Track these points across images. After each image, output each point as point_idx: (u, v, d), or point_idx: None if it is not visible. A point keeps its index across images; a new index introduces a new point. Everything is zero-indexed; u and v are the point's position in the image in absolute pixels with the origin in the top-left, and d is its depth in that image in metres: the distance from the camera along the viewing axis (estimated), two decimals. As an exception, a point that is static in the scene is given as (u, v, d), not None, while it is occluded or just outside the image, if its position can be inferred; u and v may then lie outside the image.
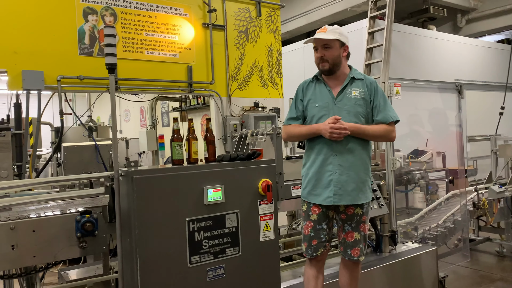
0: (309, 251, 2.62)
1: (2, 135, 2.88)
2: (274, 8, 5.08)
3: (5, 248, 2.11)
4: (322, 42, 2.60)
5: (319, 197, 2.57)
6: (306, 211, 2.65)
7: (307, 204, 2.65)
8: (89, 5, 3.84)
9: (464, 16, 8.57)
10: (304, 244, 2.65)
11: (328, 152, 2.55)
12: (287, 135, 2.75)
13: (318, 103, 2.61)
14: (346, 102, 2.58)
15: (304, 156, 2.73)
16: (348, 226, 2.61)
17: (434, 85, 7.27)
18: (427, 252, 3.69)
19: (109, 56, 2.14)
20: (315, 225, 2.60)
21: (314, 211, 2.60)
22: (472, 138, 6.75)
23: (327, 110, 2.58)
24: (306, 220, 2.65)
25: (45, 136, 5.90)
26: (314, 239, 2.60)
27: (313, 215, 2.60)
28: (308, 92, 2.68)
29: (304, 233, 2.65)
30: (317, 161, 2.58)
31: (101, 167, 4.40)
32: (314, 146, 2.62)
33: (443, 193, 5.56)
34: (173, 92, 4.76)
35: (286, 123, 2.74)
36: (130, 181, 2.05)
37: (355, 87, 2.61)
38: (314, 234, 2.60)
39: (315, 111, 2.61)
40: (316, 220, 2.60)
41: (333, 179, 2.53)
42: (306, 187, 2.65)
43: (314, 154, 2.61)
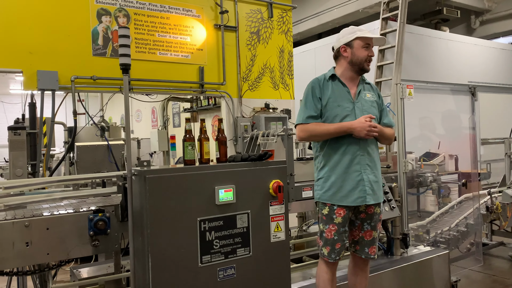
0: (333, 255, 2.54)
1: (17, 134, 2.93)
2: (286, 9, 5.09)
3: (20, 245, 2.15)
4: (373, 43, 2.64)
5: (348, 199, 2.51)
6: (328, 214, 2.55)
7: (330, 207, 2.55)
8: (103, 6, 3.88)
9: (478, 17, 8.48)
10: (326, 249, 2.55)
11: (355, 152, 2.53)
12: (309, 133, 2.56)
13: (339, 103, 2.56)
14: (364, 104, 2.61)
15: (322, 158, 2.61)
16: (368, 225, 2.62)
17: (447, 87, 7.20)
18: (439, 255, 3.65)
19: (123, 56, 2.16)
20: (339, 228, 2.53)
21: (339, 213, 2.52)
22: (485, 141, 6.66)
23: (349, 110, 2.56)
24: (328, 224, 2.55)
25: (59, 135, 5.98)
26: (338, 242, 2.54)
27: (337, 218, 2.53)
28: (327, 91, 2.58)
29: (326, 237, 2.55)
30: (343, 162, 2.52)
31: (113, 167, 4.44)
32: (338, 147, 2.54)
33: (455, 196, 5.49)
34: (184, 93, 4.79)
35: (305, 122, 2.56)
36: (142, 181, 2.06)
37: (367, 90, 2.68)
38: (338, 237, 2.53)
39: (338, 111, 2.55)
40: (340, 223, 2.53)
41: (363, 178, 2.53)
42: (329, 190, 2.54)
43: (338, 154, 2.53)
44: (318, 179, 2.63)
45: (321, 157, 2.62)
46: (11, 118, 4.10)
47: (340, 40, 2.64)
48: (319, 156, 2.64)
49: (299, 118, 2.61)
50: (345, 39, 2.62)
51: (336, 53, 2.68)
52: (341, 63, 2.65)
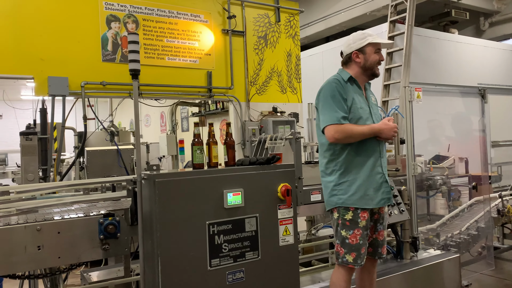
0: (359, 261, 2.48)
1: (29, 140, 2.97)
2: (293, 13, 5.10)
3: (31, 249, 2.17)
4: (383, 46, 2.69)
5: (373, 201, 2.51)
6: (352, 219, 2.49)
7: (354, 211, 2.49)
8: (112, 12, 3.93)
9: (487, 19, 8.42)
10: (351, 255, 2.48)
11: (377, 154, 2.56)
12: (346, 134, 2.45)
13: (361, 105, 2.57)
14: (373, 107, 2.67)
15: (342, 161, 2.52)
16: (380, 225, 2.65)
17: (456, 90, 7.15)
18: (450, 259, 3.61)
19: (132, 62, 2.19)
20: (363, 232, 2.50)
21: (363, 217, 2.49)
22: (496, 144, 6.61)
23: (368, 113, 2.59)
24: (353, 229, 2.48)
25: (69, 140, 6.05)
26: (363, 246, 2.50)
27: (362, 222, 2.49)
28: (349, 92, 2.54)
29: (351, 243, 2.48)
30: (368, 164, 2.51)
31: (123, 171, 4.48)
32: (363, 149, 2.51)
33: (466, 199, 5.44)
34: (193, 98, 4.83)
35: (338, 122, 2.45)
36: (152, 184, 2.08)
37: (371, 94, 2.75)
38: (363, 241, 2.49)
39: (361, 113, 2.54)
40: (364, 227, 2.50)
41: (386, 180, 2.59)
42: (355, 193, 2.48)
43: (363, 157, 2.51)
44: (339, 183, 2.52)
45: (341, 160, 2.52)
46: (23, 124, 4.17)
47: (351, 46, 2.62)
48: (339, 159, 2.53)
49: (332, 118, 2.47)
50: (356, 45, 2.60)
51: (346, 59, 2.65)
52: (352, 68, 2.63)
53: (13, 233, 2.15)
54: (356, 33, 2.67)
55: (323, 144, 2.61)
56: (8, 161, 9.30)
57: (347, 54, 2.64)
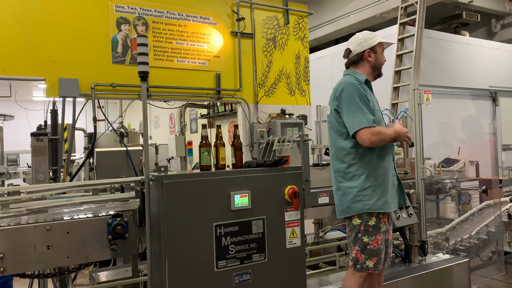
0: (379, 266, 2.47)
1: (39, 140, 3.01)
2: (302, 15, 5.10)
3: (41, 248, 2.20)
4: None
5: (394, 204, 2.53)
6: (375, 224, 2.44)
7: (377, 216, 2.44)
8: (122, 15, 3.97)
9: (498, 21, 8.32)
10: (372, 261, 2.44)
11: (391, 157, 2.59)
12: (379, 138, 2.38)
13: (377, 107, 2.60)
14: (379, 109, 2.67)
15: (364, 165, 2.45)
16: (389, 226, 2.66)
17: (467, 92, 7.07)
18: (459, 264, 3.57)
19: (141, 64, 2.21)
20: (383, 236, 2.49)
21: (384, 221, 2.48)
22: (507, 147, 6.51)
23: (381, 114, 2.61)
24: (375, 234, 2.44)
25: (79, 141, 6.11)
26: (383, 251, 2.49)
27: (383, 227, 2.47)
28: (368, 95, 2.49)
29: (372, 249, 2.44)
30: (387, 168, 2.51)
31: (132, 172, 4.51)
32: (385, 153, 2.50)
33: (476, 203, 5.38)
34: (201, 99, 4.84)
35: (372, 125, 2.37)
36: (160, 186, 2.10)
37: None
38: (383, 246, 2.48)
39: (380, 115, 2.57)
40: (384, 231, 2.50)
41: (399, 181, 2.63)
42: (380, 198, 2.42)
43: (385, 161, 2.49)
44: (364, 188, 2.43)
45: (364, 164, 2.45)
46: (34, 125, 4.22)
47: (363, 45, 2.56)
48: (359, 164, 2.45)
49: (363, 121, 2.37)
50: (368, 44, 2.56)
51: (357, 58, 2.58)
52: (364, 68, 2.58)
53: (23, 232, 2.18)
54: (364, 32, 2.65)
55: (342, 148, 2.49)
56: (19, 162, 9.43)
57: (358, 53, 2.58)
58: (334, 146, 2.55)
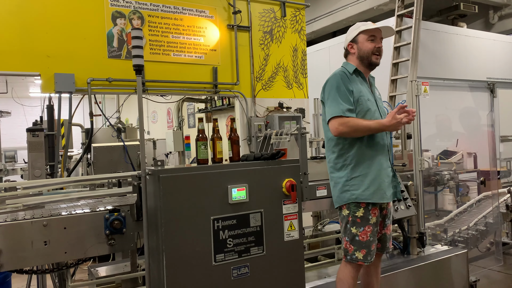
0: (369, 258, 2.47)
1: (35, 136, 2.99)
2: (299, 8, 5.07)
3: (38, 244, 2.20)
4: (381, 34, 2.60)
5: (386, 195, 2.49)
6: (363, 216, 2.45)
7: (365, 207, 2.45)
8: (118, 9, 3.94)
9: (496, 12, 8.30)
10: (361, 252, 2.46)
11: (385, 147, 2.56)
12: (351, 128, 2.40)
13: (368, 97, 2.54)
14: (378, 99, 2.66)
15: (353, 155, 2.47)
16: (388, 220, 2.65)
17: (465, 84, 7.07)
18: (457, 255, 3.59)
19: (136, 57, 2.19)
20: (373, 229, 2.48)
21: (374, 213, 2.47)
22: (505, 138, 6.51)
23: (375, 106, 2.57)
24: (364, 226, 2.45)
25: (76, 137, 6.09)
26: (373, 243, 2.49)
27: (372, 218, 2.47)
28: (355, 85, 2.50)
29: (361, 240, 2.45)
30: (378, 158, 2.49)
31: (129, 167, 4.49)
32: (374, 143, 2.48)
33: (474, 195, 5.40)
34: (198, 93, 4.82)
35: (345, 115, 2.40)
36: (156, 180, 2.09)
37: (375, 88, 2.73)
38: (373, 238, 2.48)
39: (369, 105, 2.51)
40: (375, 223, 2.49)
41: (394, 173, 2.60)
42: (368, 188, 2.44)
43: (374, 151, 2.48)
44: (351, 178, 2.46)
45: (351, 154, 2.48)
46: (31, 121, 4.20)
47: (347, 38, 2.66)
48: (349, 153, 2.48)
49: (336, 110, 2.42)
50: (350, 37, 2.63)
51: (345, 52, 2.68)
52: (352, 60, 2.63)
53: (20, 228, 2.17)
54: (352, 26, 2.67)
55: (331, 139, 2.54)
56: (17, 158, 9.40)
57: (345, 47, 2.68)
58: (326, 137, 2.63)
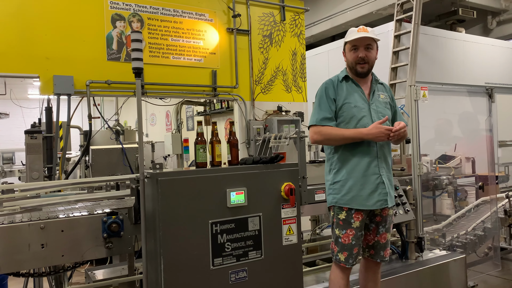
0: (350, 261, 2.50)
1: (34, 138, 2.99)
2: (299, 12, 5.08)
3: (35, 247, 2.18)
4: (366, 42, 2.54)
5: (368, 202, 2.47)
6: (346, 219, 2.50)
7: (348, 211, 2.50)
8: (117, 11, 3.94)
9: (494, 17, 8.34)
10: (343, 254, 2.50)
11: (373, 154, 2.51)
12: (323, 137, 2.51)
13: (356, 103, 2.53)
14: (378, 105, 2.59)
15: (337, 160, 2.55)
16: (383, 228, 2.60)
17: (463, 89, 7.08)
18: (455, 260, 3.58)
19: (135, 60, 2.19)
20: (357, 233, 2.49)
21: (357, 218, 2.49)
22: (503, 143, 6.54)
23: (366, 111, 2.53)
24: (346, 229, 2.50)
25: (74, 139, 6.08)
26: (355, 247, 2.50)
27: (355, 222, 2.49)
28: (341, 92, 2.54)
29: (343, 243, 2.50)
30: (361, 164, 2.49)
31: (128, 170, 4.49)
32: (356, 149, 2.49)
33: (472, 199, 5.40)
34: (198, 96, 4.82)
35: (319, 123, 2.51)
36: (155, 183, 2.08)
37: (381, 90, 2.66)
38: (355, 242, 2.50)
39: (354, 111, 2.51)
40: (358, 228, 2.50)
41: (382, 181, 2.51)
42: (347, 193, 2.49)
43: (356, 157, 2.49)
44: (334, 182, 2.56)
45: (336, 159, 2.56)
46: (29, 123, 4.20)
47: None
48: (334, 158, 2.58)
49: (313, 119, 2.55)
50: (343, 45, 2.69)
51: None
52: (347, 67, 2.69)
53: (17, 231, 2.16)
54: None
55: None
56: (15, 160, 9.37)
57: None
58: None
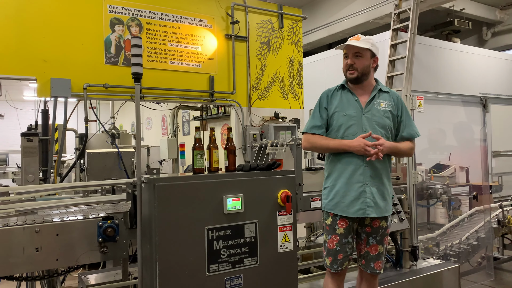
0: (334, 266, 2.53)
1: (30, 141, 2.97)
2: (297, 20, 5.12)
3: (30, 251, 2.17)
4: (354, 49, 2.57)
5: (349, 209, 2.49)
6: (331, 224, 2.55)
7: (333, 217, 2.55)
8: (116, 15, 3.95)
9: (489, 29, 8.44)
10: (328, 259, 2.56)
11: (358, 162, 2.49)
12: (310, 145, 2.63)
13: (346, 111, 2.55)
14: (375, 113, 2.56)
15: (328, 167, 2.63)
16: (373, 239, 2.57)
17: (458, 99, 7.14)
18: (449, 269, 3.60)
19: (135, 66, 2.20)
20: (341, 239, 2.52)
21: (341, 224, 2.51)
22: (497, 153, 6.59)
23: (356, 119, 2.54)
24: (331, 234, 2.55)
25: (70, 142, 6.05)
26: (340, 253, 2.52)
27: (339, 229, 2.52)
28: (334, 101, 2.61)
29: (328, 247, 2.56)
30: (346, 172, 2.51)
31: (123, 174, 4.47)
32: (342, 156, 2.53)
33: (466, 209, 5.42)
34: (195, 102, 4.83)
35: (308, 131, 2.62)
36: (152, 188, 2.08)
37: (382, 99, 2.62)
38: (340, 248, 2.52)
39: (343, 120, 2.54)
40: (342, 234, 2.52)
41: (365, 190, 2.48)
42: (332, 199, 2.54)
43: (342, 164, 2.53)
44: (324, 188, 2.66)
45: (327, 165, 2.66)
46: (24, 124, 4.17)
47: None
48: (327, 165, 2.67)
49: (305, 127, 2.70)
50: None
51: None
52: None
53: (11, 234, 2.15)
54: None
55: None
56: (8, 161, 9.31)
57: None
58: None
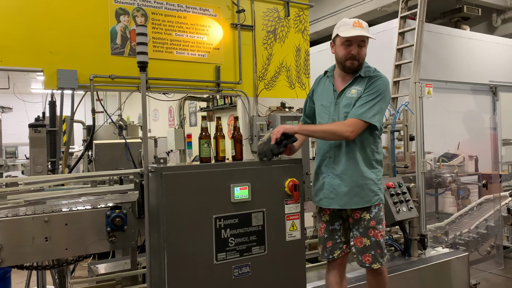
0: (325, 254, 2.54)
1: (38, 132, 2.99)
2: (303, 8, 5.06)
3: (39, 240, 2.19)
4: (360, 38, 2.36)
5: (316, 198, 2.56)
6: (319, 212, 2.61)
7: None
8: (121, 6, 3.93)
9: (499, 15, 8.28)
10: (320, 247, 2.59)
11: (324, 154, 2.50)
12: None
13: (322, 101, 2.53)
14: (344, 102, 2.41)
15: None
16: (356, 231, 2.46)
17: (468, 87, 7.05)
18: (458, 257, 3.58)
19: (140, 54, 2.18)
20: (328, 226, 2.54)
21: (325, 211, 2.55)
22: (507, 142, 6.50)
23: (328, 109, 2.47)
24: (319, 222, 2.61)
25: (77, 133, 6.08)
26: (328, 240, 2.53)
27: (324, 216, 2.56)
28: (319, 89, 2.61)
29: (319, 235, 2.60)
30: (316, 162, 2.58)
31: (131, 164, 4.49)
32: (318, 150, 2.59)
33: (475, 198, 5.38)
34: (201, 92, 4.81)
35: (302, 120, 2.77)
36: (159, 177, 2.08)
37: (356, 85, 2.41)
38: (328, 235, 2.54)
39: (319, 110, 2.56)
40: (328, 221, 2.54)
41: (325, 181, 2.46)
42: (313, 190, 2.62)
43: (317, 155, 2.59)
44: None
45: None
46: (32, 117, 4.19)
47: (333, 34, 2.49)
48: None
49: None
50: (333, 35, 2.46)
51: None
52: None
53: (21, 224, 2.17)
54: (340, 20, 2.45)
55: None
56: (18, 154, 9.40)
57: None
58: None
